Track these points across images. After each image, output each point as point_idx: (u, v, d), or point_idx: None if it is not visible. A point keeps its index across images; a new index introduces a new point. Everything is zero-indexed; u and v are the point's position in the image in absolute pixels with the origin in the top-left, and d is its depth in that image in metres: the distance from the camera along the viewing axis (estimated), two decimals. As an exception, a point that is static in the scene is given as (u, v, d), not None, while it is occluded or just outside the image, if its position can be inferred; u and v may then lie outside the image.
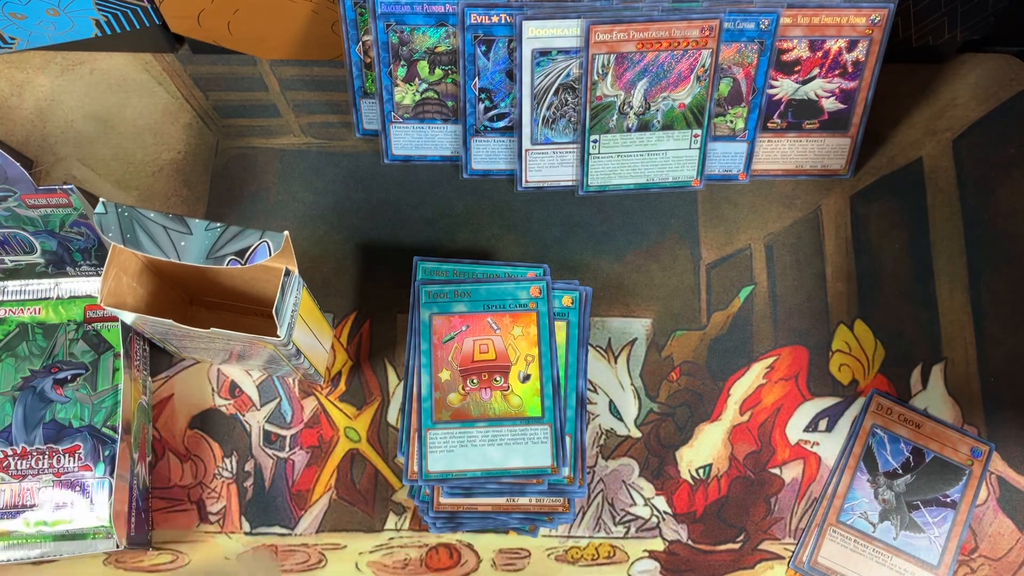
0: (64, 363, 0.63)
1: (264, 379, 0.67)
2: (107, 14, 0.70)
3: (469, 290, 0.65)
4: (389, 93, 0.69)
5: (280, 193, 0.72)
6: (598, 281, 0.70)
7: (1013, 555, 0.65)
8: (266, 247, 0.51)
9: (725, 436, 0.67)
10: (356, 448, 0.66)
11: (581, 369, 0.65)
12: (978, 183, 0.74)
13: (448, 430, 0.62)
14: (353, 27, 0.67)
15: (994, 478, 0.66)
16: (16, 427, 0.61)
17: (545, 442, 0.62)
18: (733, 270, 0.71)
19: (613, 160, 0.71)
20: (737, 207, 0.73)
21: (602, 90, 0.67)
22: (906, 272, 0.71)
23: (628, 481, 0.66)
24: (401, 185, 0.73)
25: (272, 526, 0.64)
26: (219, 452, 0.65)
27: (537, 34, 0.65)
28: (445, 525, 0.63)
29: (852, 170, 0.74)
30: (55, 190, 0.56)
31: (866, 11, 0.66)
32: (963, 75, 0.77)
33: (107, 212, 0.51)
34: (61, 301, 0.64)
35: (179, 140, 0.73)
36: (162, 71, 0.75)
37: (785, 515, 0.66)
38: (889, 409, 0.67)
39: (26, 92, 0.74)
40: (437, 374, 0.63)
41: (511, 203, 0.73)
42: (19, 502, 0.60)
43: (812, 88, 0.70)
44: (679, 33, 0.65)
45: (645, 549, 0.65)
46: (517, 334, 0.64)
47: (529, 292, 0.65)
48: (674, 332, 0.69)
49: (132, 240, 0.51)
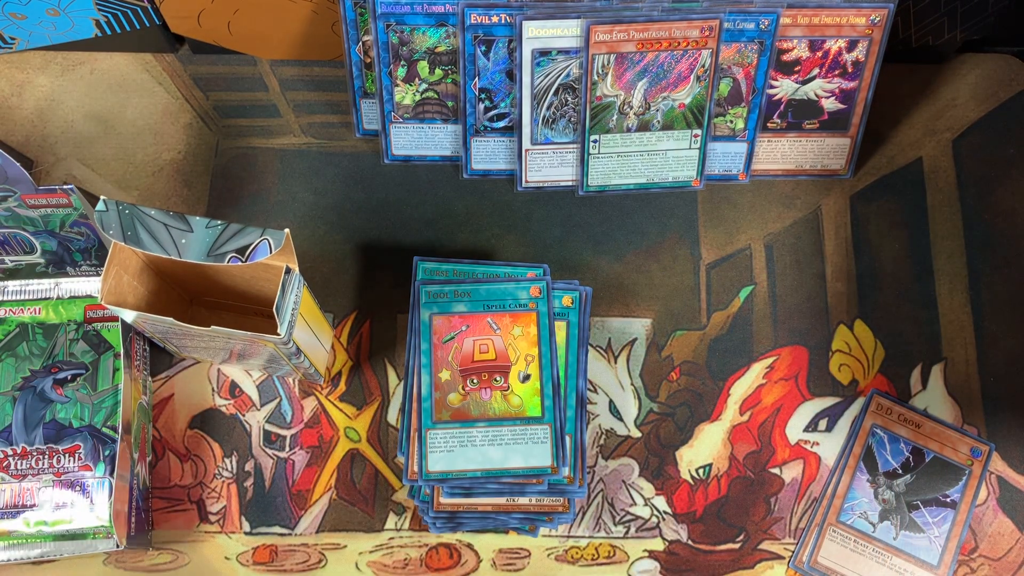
0: (64, 363, 0.63)
1: (264, 379, 0.67)
2: (107, 14, 0.70)
3: (469, 290, 0.65)
4: (389, 93, 0.69)
5: (280, 193, 0.72)
6: (598, 281, 0.70)
7: (1013, 555, 0.65)
8: (267, 245, 0.51)
9: (725, 436, 0.67)
10: (356, 448, 0.66)
11: (581, 369, 0.65)
12: (978, 183, 0.74)
13: (448, 430, 0.62)
14: (353, 27, 0.68)
15: (994, 478, 0.66)
16: (16, 427, 0.61)
17: (545, 442, 0.62)
18: (733, 270, 0.71)
19: (613, 160, 0.71)
20: (737, 207, 0.73)
21: (602, 90, 0.67)
22: (906, 272, 0.71)
23: (628, 481, 0.66)
24: (401, 185, 0.73)
25: (272, 526, 0.64)
26: (219, 452, 0.65)
27: (537, 34, 0.65)
28: (445, 525, 0.63)
29: (852, 170, 0.74)
30: (55, 190, 0.56)
31: (866, 11, 0.66)
32: (963, 75, 0.77)
33: (108, 210, 0.51)
34: (61, 301, 0.64)
35: (179, 140, 0.73)
36: (162, 71, 0.75)
37: (785, 515, 0.66)
38: (889, 409, 0.67)
39: (26, 92, 0.74)
40: (437, 374, 0.63)
41: (511, 203, 0.73)
42: (19, 502, 0.60)
43: (812, 88, 0.70)
44: (679, 33, 0.65)
45: (645, 549, 0.65)
46: (517, 334, 0.64)
47: (529, 292, 0.65)
48: (674, 332, 0.69)
49: (133, 238, 0.51)
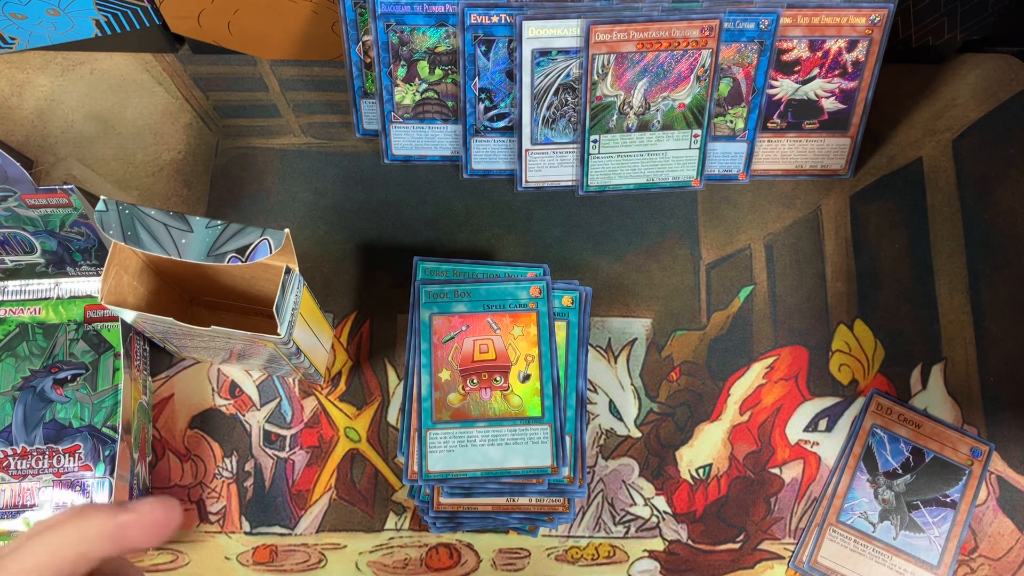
0: (64, 363, 0.63)
1: (264, 379, 0.67)
2: (107, 14, 0.70)
3: (469, 290, 0.65)
4: (389, 93, 0.69)
5: (280, 193, 0.72)
6: (598, 281, 0.70)
7: (1013, 555, 0.65)
8: (267, 245, 0.51)
9: (725, 436, 0.67)
10: (356, 448, 0.66)
11: (581, 369, 0.65)
12: (978, 183, 0.74)
13: (448, 430, 0.62)
14: (353, 27, 0.68)
15: (994, 478, 0.66)
16: (16, 427, 0.61)
17: (545, 442, 0.62)
18: (733, 270, 0.71)
19: (613, 160, 0.71)
20: (737, 207, 0.73)
21: (602, 90, 0.67)
22: (906, 272, 0.71)
23: (628, 481, 0.66)
24: (401, 185, 0.73)
25: (272, 526, 0.64)
26: (219, 452, 0.65)
27: (537, 34, 0.65)
28: (445, 525, 0.63)
29: (852, 170, 0.74)
30: (55, 190, 0.56)
31: (866, 11, 0.66)
32: (963, 75, 0.77)
33: (108, 210, 0.51)
34: (61, 301, 0.64)
35: (179, 140, 0.73)
36: (162, 71, 0.75)
37: (785, 515, 0.66)
38: (889, 409, 0.67)
39: (26, 92, 0.74)
40: (437, 374, 0.63)
41: (511, 203, 0.73)
42: (19, 502, 0.60)
43: (812, 88, 0.70)
44: (679, 33, 0.65)
45: (645, 549, 0.65)
46: (517, 334, 0.64)
47: (529, 292, 0.65)
48: (674, 332, 0.69)
49: (133, 238, 0.51)
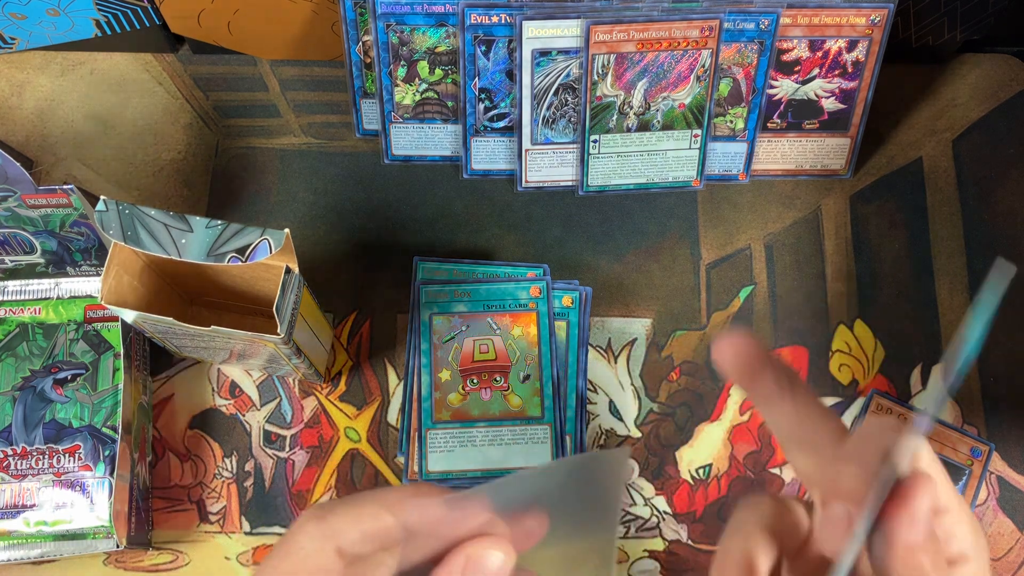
0: (64, 363, 0.63)
1: (264, 379, 0.67)
2: (107, 14, 0.70)
3: (469, 290, 0.65)
4: (389, 93, 0.69)
5: (280, 193, 0.72)
6: (598, 281, 0.70)
7: (1013, 555, 0.65)
8: (267, 245, 0.51)
9: (725, 436, 0.67)
10: (356, 448, 0.66)
11: (581, 369, 0.65)
12: (978, 183, 0.74)
13: (448, 430, 0.62)
14: (353, 27, 0.68)
15: (994, 478, 0.66)
16: (16, 427, 0.61)
17: (545, 442, 0.62)
18: (733, 270, 0.71)
19: (613, 160, 0.71)
20: (737, 207, 0.73)
21: (602, 90, 0.67)
22: (906, 272, 0.71)
23: (628, 481, 0.66)
24: (401, 185, 0.73)
25: (272, 526, 0.64)
26: (219, 452, 0.65)
27: (537, 34, 0.65)
28: (445, 525, 0.62)
29: (852, 170, 0.74)
30: (55, 190, 0.56)
31: (866, 11, 0.66)
32: (963, 75, 0.77)
33: (108, 210, 0.51)
34: (61, 301, 0.64)
35: (179, 140, 0.73)
36: (162, 71, 0.75)
37: (785, 515, 0.65)
38: (889, 409, 0.67)
39: (26, 92, 0.74)
40: (437, 374, 0.63)
41: (511, 203, 0.73)
42: (19, 502, 0.60)
43: (812, 88, 0.70)
44: (679, 33, 0.65)
45: (645, 549, 0.65)
46: (517, 334, 0.64)
47: (529, 292, 0.65)
48: (674, 332, 0.69)
49: (133, 237, 0.51)
